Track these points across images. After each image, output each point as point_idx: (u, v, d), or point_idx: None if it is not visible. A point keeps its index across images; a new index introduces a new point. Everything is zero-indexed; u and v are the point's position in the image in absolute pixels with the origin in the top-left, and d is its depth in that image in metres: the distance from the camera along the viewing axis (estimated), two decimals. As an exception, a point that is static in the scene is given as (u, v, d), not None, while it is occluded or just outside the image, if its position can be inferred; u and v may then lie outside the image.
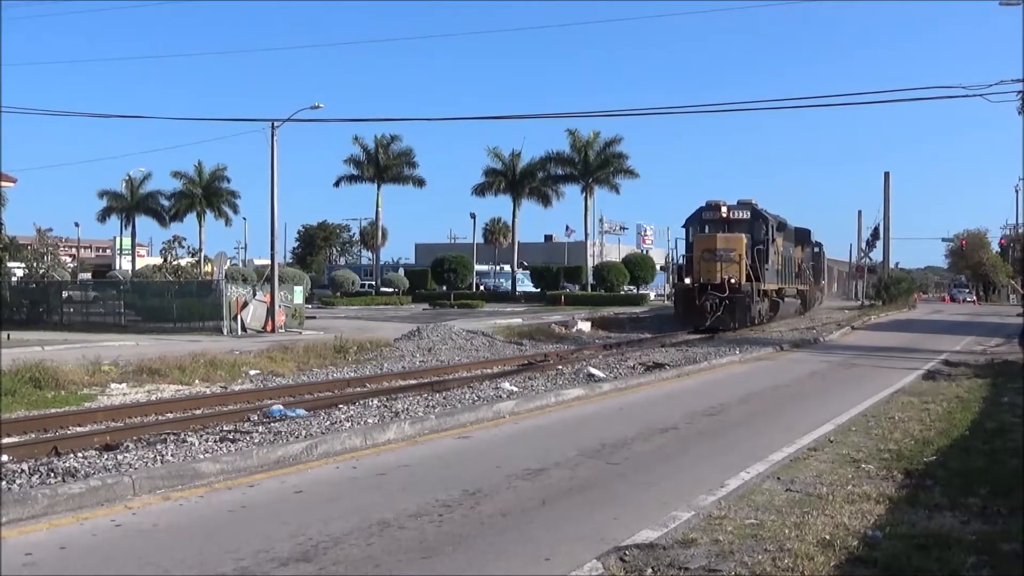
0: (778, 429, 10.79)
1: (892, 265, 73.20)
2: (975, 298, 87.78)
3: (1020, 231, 72.63)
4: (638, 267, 61.61)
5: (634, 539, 5.99)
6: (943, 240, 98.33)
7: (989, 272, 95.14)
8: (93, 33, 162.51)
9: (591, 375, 15.51)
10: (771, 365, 19.72)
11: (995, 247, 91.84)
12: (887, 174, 63.88)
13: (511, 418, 11.41)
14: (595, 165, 59.74)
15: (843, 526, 6.37)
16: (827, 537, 6.05)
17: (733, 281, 28.91)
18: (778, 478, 8.06)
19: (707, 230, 31.09)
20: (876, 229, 69.67)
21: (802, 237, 43.62)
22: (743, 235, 30.39)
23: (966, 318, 45.58)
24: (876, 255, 72.43)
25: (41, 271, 54.04)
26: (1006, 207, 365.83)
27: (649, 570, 5.40)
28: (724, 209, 31.18)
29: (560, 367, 16.51)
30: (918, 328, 35.03)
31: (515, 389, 13.34)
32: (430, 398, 12.24)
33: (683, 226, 32.73)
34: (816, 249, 50.71)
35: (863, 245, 76.33)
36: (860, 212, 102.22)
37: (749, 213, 31.50)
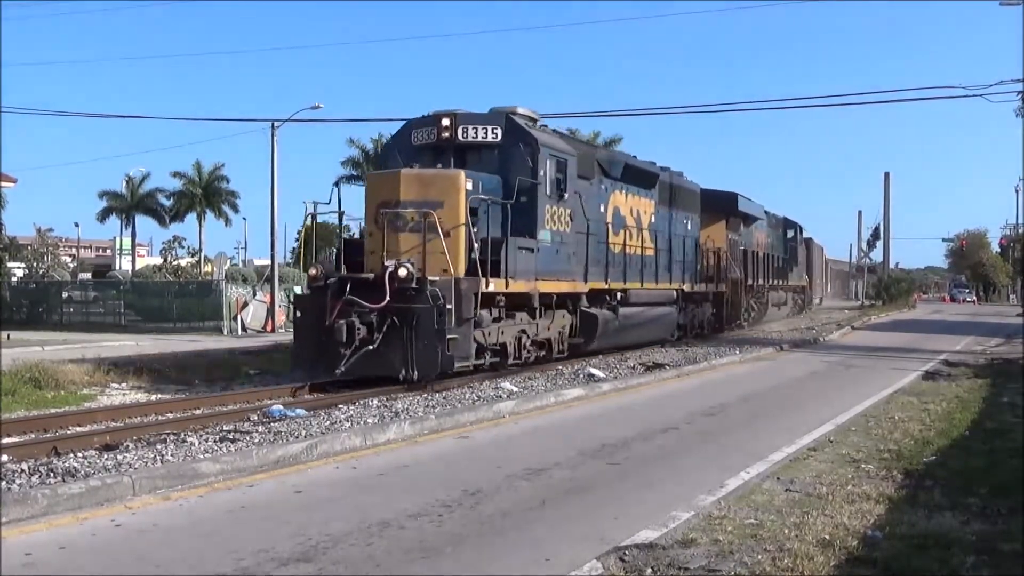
0: (778, 429, 10.79)
1: (892, 265, 73.31)
2: (975, 298, 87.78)
3: (1020, 231, 72.65)
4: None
5: (634, 539, 5.99)
6: (943, 240, 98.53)
7: (989, 272, 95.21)
8: (93, 33, 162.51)
9: (591, 375, 15.52)
10: (771, 365, 19.72)
11: (995, 247, 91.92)
12: (887, 174, 63.97)
13: (511, 418, 11.41)
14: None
15: (843, 526, 6.37)
16: (827, 537, 6.06)
17: (410, 271, 13.25)
18: (778, 478, 8.06)
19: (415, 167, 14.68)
20: (876, 229, 69.84)
21: (765, 219, 34.09)
22: (482, 176, 14.78)
23: (966, 318, 45.59)
24: (876, 255, 72.53)
25: (41, 271, 54.07)
26: (1006, 207, 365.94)
27: (649, 570, 5.40)
28: (446, 123, 15.44)
29: (560, 367, 16.51)
30: (918, 328, 35.01)
31: (515, 389, 13.35)
32: (430, 398, 12.24)
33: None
34: (791, 233, 39.82)
35: (863, 245, 76.40)
36: (860, 212, 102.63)
37: (500, 132, 15.45)
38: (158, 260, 52.13)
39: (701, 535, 6.13)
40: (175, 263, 47.90)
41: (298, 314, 14.81)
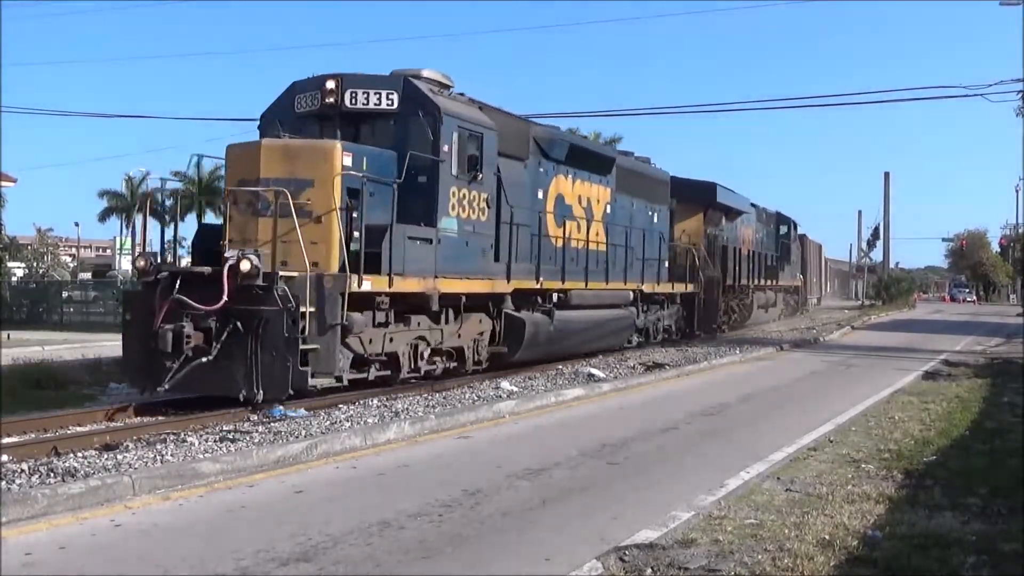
0: (778, 429, 10.79)
1: (892, 265, 73.25)
2: (975, 298, 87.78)
3: (1020, 231, 72.66)
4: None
5: (634, 539, 6.00)
6: (943, 240, 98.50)
7: (989, 272, 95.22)
8: (93, 33, 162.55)
9: (591, 375, 15.51)
10: (771, 365, 19.71)
11: (995, 247, 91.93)
12: (887, 174, 63.78)
13: (511, 418, 11.41)
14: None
15: (843, 526, 6.37)
16: (827, 537, 6.06)
17: (254, 264, 10.76)
18: (778, 478, 8.06)
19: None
20: (876, 229, 69.76)
21: (753, 213, 31.74)
22: (369, 150, 12.38)
23: (966, 318, 45.58)
24: (876, 255, 72.49)
25: (41, 271, 54.07)
26: (1006, 207, 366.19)
27: (649, 570, 5.40)
28: (331, 86, 12.94)
29: (560, 367, 16.50)
30: (918, 328, 35.00)
31: (515, 389, 13.35)
32: (430, 398, 12.23)
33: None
34: (784, 229, 37.28)
35: (863, 245, 76.38)
36: (860, 212, 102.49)
37: (397, 99, 12.91)
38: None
39: (701, 535, 6.13)
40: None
41: (127, 316, 12.04)
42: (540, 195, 16.21)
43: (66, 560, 5.57)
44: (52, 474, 7.30)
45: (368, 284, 11.43)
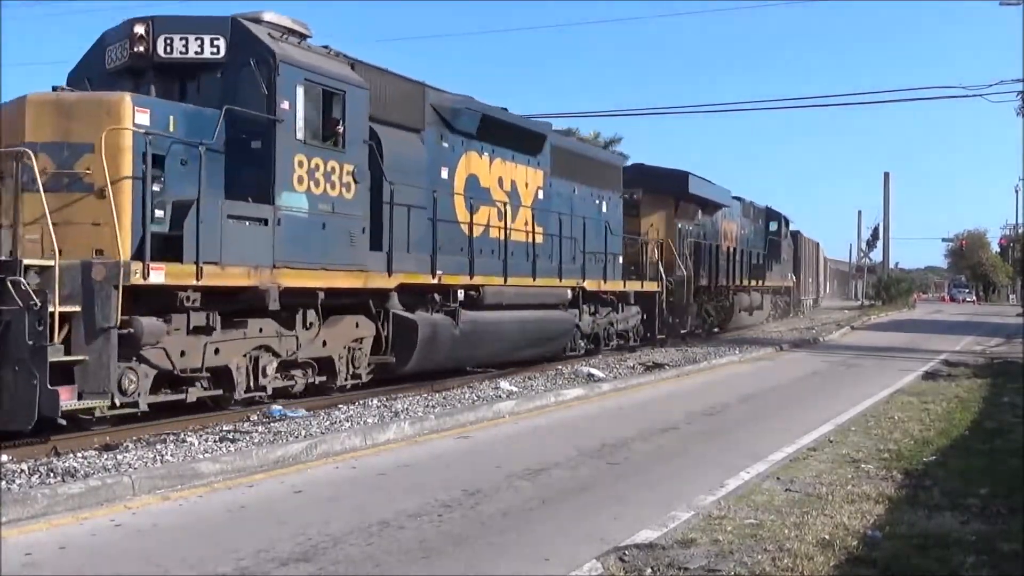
0: (778, 429, 10.79)
1: (892, 265, 73.28)
2: (975, 298, 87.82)
3: (1020, 231, 72.69)
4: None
5: (634, 539, 5.99)
6: (943, 240, 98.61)
7: (989, 272, 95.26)
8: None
9: (591, 375, 15.51)
10: (771, 365, 19.72)
11: (995, 247, 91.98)
12: (887, 174, 63.82)
13: (511, 418, 11.41)
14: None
15: (843, 526, 6.37)
16: (827, 537, 6.06)
17: None
18: (778, 478, 8.06)
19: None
20: (876, 229, 69.81)
21: (738, 208, 29.73)
22: (181, 108, 10.16)
23: (966, 318, 45.58)
24: (876, 255, 72.52)
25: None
26: (1006, 207, 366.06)
27: (649, 570, 5.40)
28: (140, 31, 10.59)
29: (560, 367, 16.49)
30: (918, 328, 35.01)
31: (514, 389, 13.35)
32: (430, 398, 12.24)
33: None
34: (774, 226, 35.03)
35: (863, 245, 76.42)
36: (860, 212, 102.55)
37: (224, 46, 10.58)
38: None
39: (701, 535, 6.13)
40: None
41: None
42: (444, 174, 13.91)
43: (66, 560, 5.57)
44: (52, 474, 7.30)
45: (159, 275, 9.01)
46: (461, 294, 14.02)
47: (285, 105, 10.49)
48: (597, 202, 19.05)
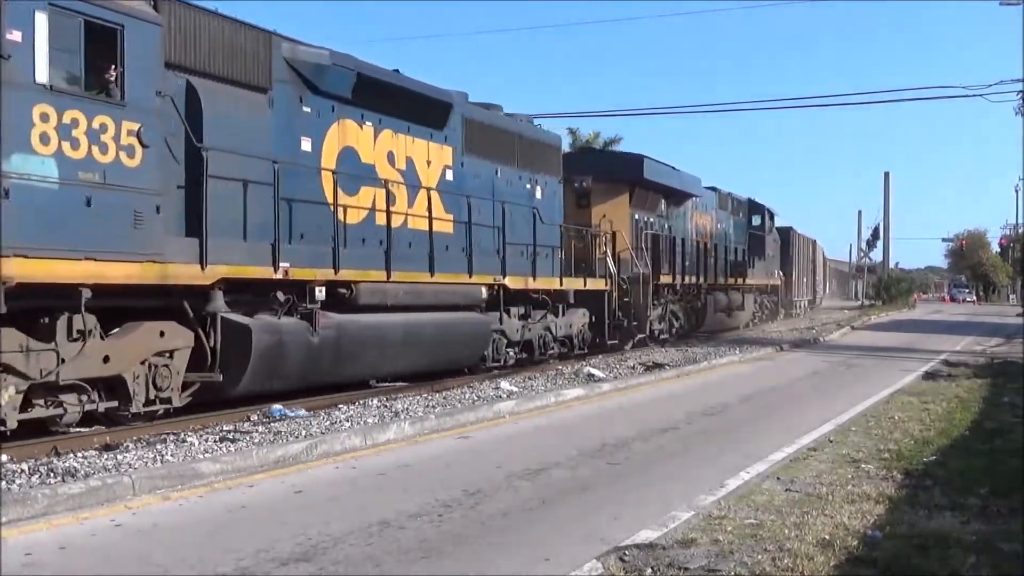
0: (778, 429, 10.79)
1: (892, 265, 73.28)
2: (975, 298, 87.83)
3: (1020, 231, 72.70)
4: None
5: (634, 539, 5.99)
6: (943, 240, 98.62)
7: (989, 272, 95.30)
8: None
9: (591, 375, 15.52)
10: (771, 365, 19.72)
11: (995, 247, 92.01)
12: (887, 174, 63.80)
13: (511, 418, 11.41)
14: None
15: (843, 526, 6.37)
16: (827, 537, 6.05)
17: None
18: (778, 478, 8.06)
19: None
20: (876, 229, 69.78)
21: (714, 199, 27.63)
22: None
23: (966, 318, 45.57)
24: (876, 255, 72.53)
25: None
26: (1006, 207, 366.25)
27: (649, 570, 5.39)
28: None
29: (560, 367, 16.48)
30: (918, 328, 35.00)
31: (515, 389, 13.35)
32: (430, 398, 12.24)
33: None
34: (757, 219, 32.65)
35: (863, 245, 76.43)
36: (860, 212, 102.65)
37: None
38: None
39: (701, 535, 6.13)
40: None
41: None
42: (306, 145, 11.55)
43: (66, 560, 5.57)
44: (52, 474, 7.30)
45: None
46: (321, 292, 11.35)
47: (14, 36, 7.98)
48: (528, 187, 16.49)
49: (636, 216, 21.57)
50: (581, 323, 18.55)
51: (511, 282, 15.41)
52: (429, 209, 13.51)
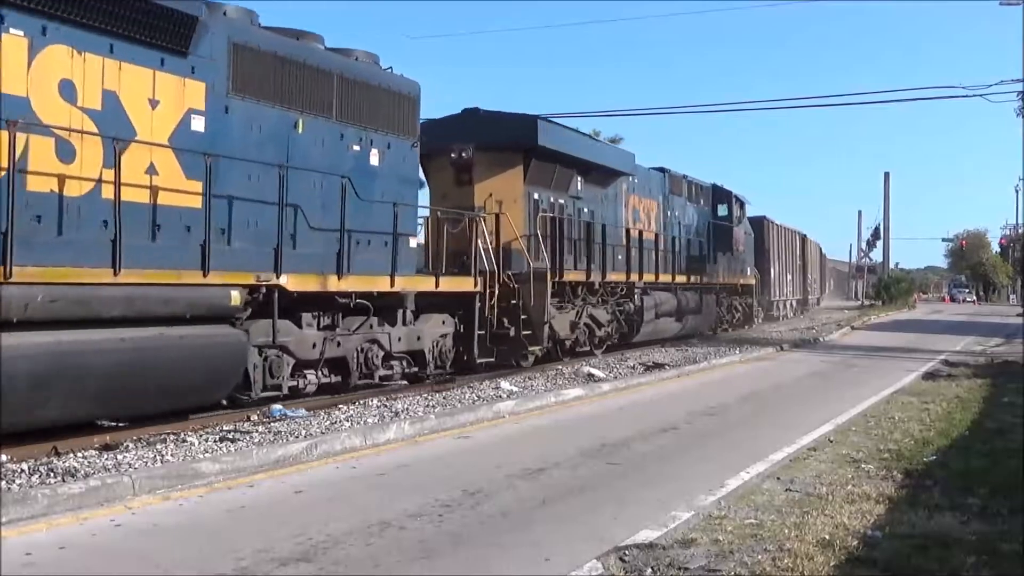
0: (778, 429, 10.79)
1: (892, 265, 73.29)
2: (975, 298, 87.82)
3: (1020, 231, 72.70)
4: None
5: (634, 539, 5.99)
6: (943, 240, 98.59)
7: (989, 272, 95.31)
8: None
9: (591, 375, 15.52)
10: (771, 365, 19.72)
11: (995, 247, 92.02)
12: (887, 174, 63.76)
13: (511, 418, 11.41)
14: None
15: (843, 526, 6.37)
16: (827, 537, 6.05)
17: None
18: (778, 478, 8.06)
19: None
20: (876, 229, 69.82)
21: (660, 181, 23.01)
22: None
23: (966, 318, 45.56)
24: (876, 255, 72.55)
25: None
26: (1006, 207, 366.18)
27: (649, 570, 5.40)
28: None
29: (560, 367, 16.48)
30: (918, 328, 34.98)
31: (515, 389, 13.34)
32: (430, 398, 12.23)
33: None
34: (723, 209, 27.61)
35: (863, 245, 76.45)
36: (860, 212, 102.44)
37: None
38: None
39: (701, 535, 6.13)
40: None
41: None
42: None
43: (66, 560, 5.57)
44: (52, 474, 7.30)
45: None
46: None
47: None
48: (357, 148, 11.95)
49: (536, 196, 16.98)
50: (438, 334, 13.79)
51: (293, 282, 10.63)
52: (117, 171, 8.51)
